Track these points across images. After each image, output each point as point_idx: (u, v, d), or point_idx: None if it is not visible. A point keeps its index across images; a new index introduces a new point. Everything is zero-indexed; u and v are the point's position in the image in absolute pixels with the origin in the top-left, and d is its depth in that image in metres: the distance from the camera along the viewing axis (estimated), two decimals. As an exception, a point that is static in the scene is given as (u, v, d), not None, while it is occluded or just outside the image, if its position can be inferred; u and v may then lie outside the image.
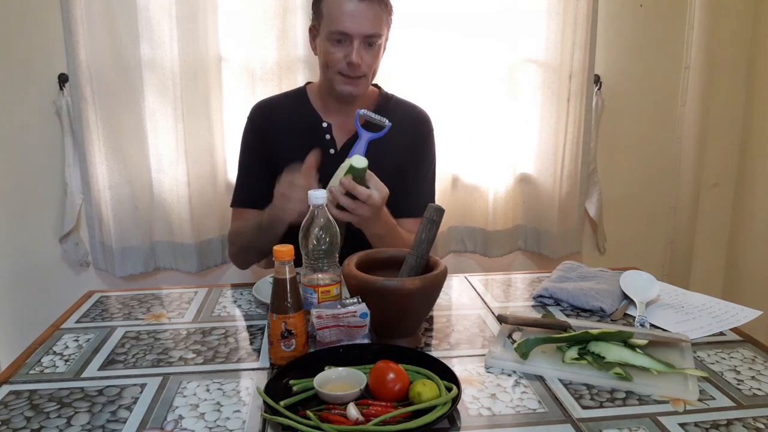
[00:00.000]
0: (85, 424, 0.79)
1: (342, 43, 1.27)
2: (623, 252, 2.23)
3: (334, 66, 1.30)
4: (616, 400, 0.83)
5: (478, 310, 1.16)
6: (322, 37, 1.30)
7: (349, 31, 1.25)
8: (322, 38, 1.31)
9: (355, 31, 1.25)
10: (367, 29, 1.26)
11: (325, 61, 1.31)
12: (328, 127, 1.39)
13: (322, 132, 1.39)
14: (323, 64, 1.33)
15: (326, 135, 1.39)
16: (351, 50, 1.26)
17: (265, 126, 1.43)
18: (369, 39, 1.27)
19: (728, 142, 2.22)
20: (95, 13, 1.74)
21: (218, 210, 1.93)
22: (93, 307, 1.19)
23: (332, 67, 1.30)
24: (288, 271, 0.90)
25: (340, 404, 0.78)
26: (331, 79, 1.32)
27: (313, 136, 1.39)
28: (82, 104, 1.79)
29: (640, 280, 1.22)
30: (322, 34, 1.30)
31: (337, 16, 1.25)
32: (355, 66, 1.27)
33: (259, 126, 1.44)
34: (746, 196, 2.22)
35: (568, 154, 2.02)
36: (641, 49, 2.08)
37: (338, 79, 1.31)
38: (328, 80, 1.33)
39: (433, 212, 0.99)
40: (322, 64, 1.34)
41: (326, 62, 1.31)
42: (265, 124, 1.43)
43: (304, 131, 1.40)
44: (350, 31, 1.25)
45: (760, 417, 0.79)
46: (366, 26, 1.25)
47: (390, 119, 1.29)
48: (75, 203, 1.88)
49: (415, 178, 1.44)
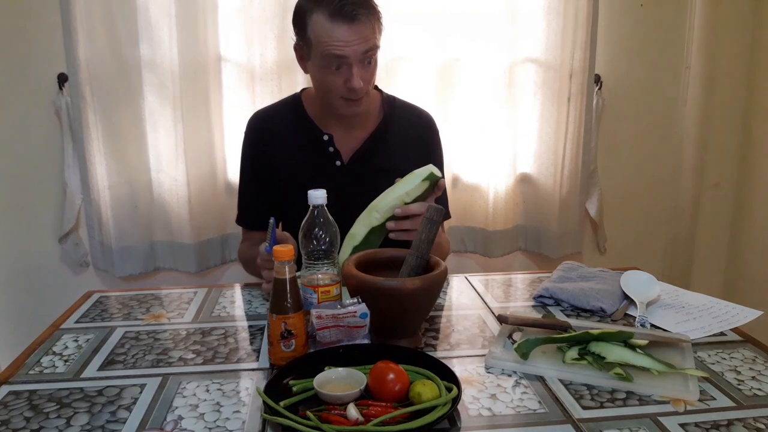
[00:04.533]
0: (85, 424, 0.79)
1: (339, 69, 1.19)
2: (624, 252, 2.23)
3: (334, 92, 1.23)
4: (617, 401, 0.83)
5: (478, 310, 1.15)
6: (315, 63, 1.22)
7: (345, 53, 1.17)
8: (314, 64, 1.22)
9: (352, 53, 1.17)
10: (364, 47, 1.18)
11: (323, 87, 1.25)
12: (330, 140, 1.33)
13: (324, 144, 1.33)
14: (322, 90, 1.26)
15: (329, 147, 1.34)
16: (350, 75, 1.19)
17: (264, 139, 1.37)
18: (366, 55, 1.20)
19: (729, 141, 2.21)
20: (95, 12, 1.74)
21: (218, 210, 1.93)
22: (92, 307, 1.18)
23: (333, 92, 1.23)
24: (288, 271, 0.90)
25: (340, 404, 0.78)
26: (331, 102, 1.26)
27: (315, 148, 1.34)
28: (81, 104, 1.79)
29: (640, 280, 1.22)
30: (313, 59, 1.22)
31: (329, 42, 1.16)
32: (357, 90, 1.21)
33: (258, 139, 1.38)
34: (747, 196, 2.22)
35: (568, 154, 2.02)
36: (642, 48, 2.08)
37: (341, 104, 1.25)
38: (328, 102, 1.27)
39: (433, 212, 0.99)
40: (321, 89, 1.26)
41: (325, 88, 1.24)
42: (264, 137, 1.37)
43: (305, 144, 1.34)
44: (346, 54, 1.17)
45: (760, 417, 0.79)
46: (362, 46, 1.17)
47: (397, 124, 1.29)
48: (74, 203, 1.88)
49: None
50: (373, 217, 1.15)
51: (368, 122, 1.37)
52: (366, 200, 1.18)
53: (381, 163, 1.35)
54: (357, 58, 1.18)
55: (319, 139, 1.34)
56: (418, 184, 1.14)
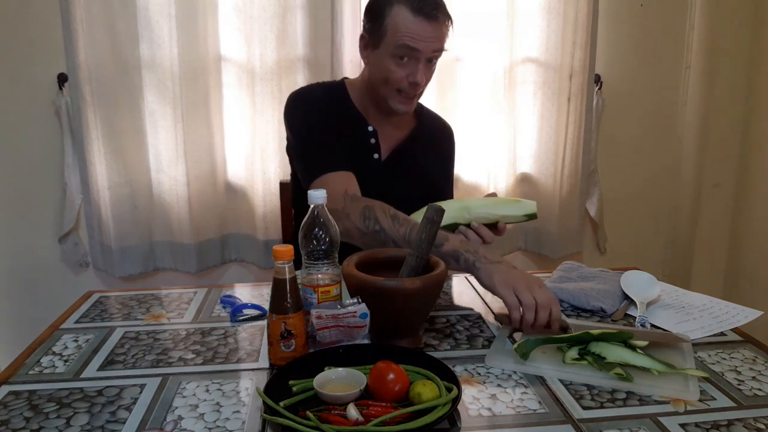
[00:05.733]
0: (85, 424, 0.78)
1: (406, 61, 1.23)
2: (624, 252, 2.23)
3: (395, 83, 1.26)
4: (617, 401, 0.83)
5: (478, 310, 1.15)
6: (384, 53, 1.25)
7: (419, 47, 1.21)
8: (383, 53, 1.25)
9: (424, 48, 1.22)
10: (436, 46, 1.23)
11: (385, 77, 1.26)
12: (374, 132, 1.35)
13: (367, 135, 1.35)
14: (381, 80, 1.28)
15: (371, 139, 1.35)
16: (416, 69, 1.23)
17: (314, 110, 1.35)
18: (434, 54, 1.25)
19: (729, 142, 2.21)
20: (95, 13, 1.74)
21: (218, 210, 1.93)
22: (92, 307, 1.18)
23: (392, 84, 1.26)
24: (288, 271, 0.90)
25: (340, 405, 0.78)
26: (386, 95, 1.28)
27: (357, 138, 1.35)
28: (81, 104, 1.79)
29: (640, 280, 1.22)
30: (383, 48, 1.25)
31: (406, 33, 1.20)
32: (418, 85, 1.25)
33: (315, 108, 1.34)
34: (747, 196, 2.22)
35: (568, 153, 2.02)
36: (642, 48, 2.08)
37: (396, 97, 1.28)
38: (382, 95, 1.29)
39: (433, 212, 0.99)
40: (380, 79, 1.28)
41: (386, 78, 1.26)
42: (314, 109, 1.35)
43: (347, 130, 1.34)
44: (420, 47, 1.21)
45: (760, 417, 0.79)
46: (435, 44, 1.23)
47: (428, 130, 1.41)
48: (74, 203, 1.88)
49: (448, 184, 1.52)
50: (463, 214, 1.22)
51: (404, 124, 1.41)
52: (396, 198, 1.21)
53: (414, 165, 1.40)
54: (427, 55, 1.23)
55: (363, 130, 1.36)
56: (519, 216, 1.23)
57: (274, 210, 1.92)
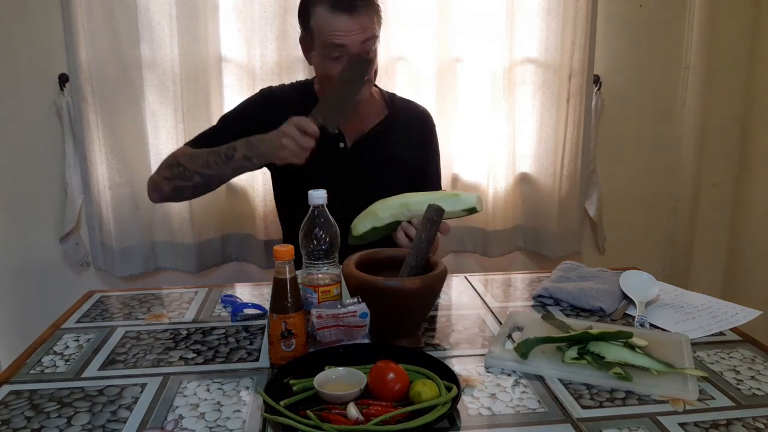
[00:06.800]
0: (86, 423, 0.79)
1: (339, 57, 1.25)
2: (623, 252, 2.23)
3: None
4: (616, 400, 0.83)
5: (477, 309, 1.16)
6: (317, 53, 1.29)
7: (345, 42, 1.23)
8: (316, 54, 1.29)
9: (351, 42, 1.23)
10: (362, 37, 1.24)
11: (327, 75, 1.29)
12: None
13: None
14: (325, 78, 1.31)
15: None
16: None
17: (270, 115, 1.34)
18: (365, 45, 1.25)
19: (728, 142, 2.22)
20: (95, 13, 1.74)
21: (218, 210, 1.93)
22: (93, 307, 1.19)
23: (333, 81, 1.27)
24: (288, 271, 0.90)
25: (340, 404, 0.78)
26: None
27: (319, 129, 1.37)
28: (82, 104, 1.79)
29: (639, 280, 1.22)
30: (316, 49, 1.28)
31: (329, 32, 1.23)
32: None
33: (263, 113, 1.38)
34: (746, 196, 2.22)
35: (567, 154, 2.02)
36: (641, 49, 2.08)
37: None
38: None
39: (433, 212, 0.99)
40: (324, 78, 1.32)
41: (328, 77, 1.28)
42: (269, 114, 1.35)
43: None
44: (346, 42, 1.23)
45: (759, 417, 0.80)
46: (360, 35, 1.23)
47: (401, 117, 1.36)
48: (75, 203, 1.88)
49: (426, 174, 1.48)
50: (403, 211, 1.18)
51: (372, 113, 1.42)
52: (368, 184, 1.21)
53: (384, 152, 1.40)
54: (356, 48, 1.24)
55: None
56: (456, 212, 1.16)
57: (274, 210, 1.91)
